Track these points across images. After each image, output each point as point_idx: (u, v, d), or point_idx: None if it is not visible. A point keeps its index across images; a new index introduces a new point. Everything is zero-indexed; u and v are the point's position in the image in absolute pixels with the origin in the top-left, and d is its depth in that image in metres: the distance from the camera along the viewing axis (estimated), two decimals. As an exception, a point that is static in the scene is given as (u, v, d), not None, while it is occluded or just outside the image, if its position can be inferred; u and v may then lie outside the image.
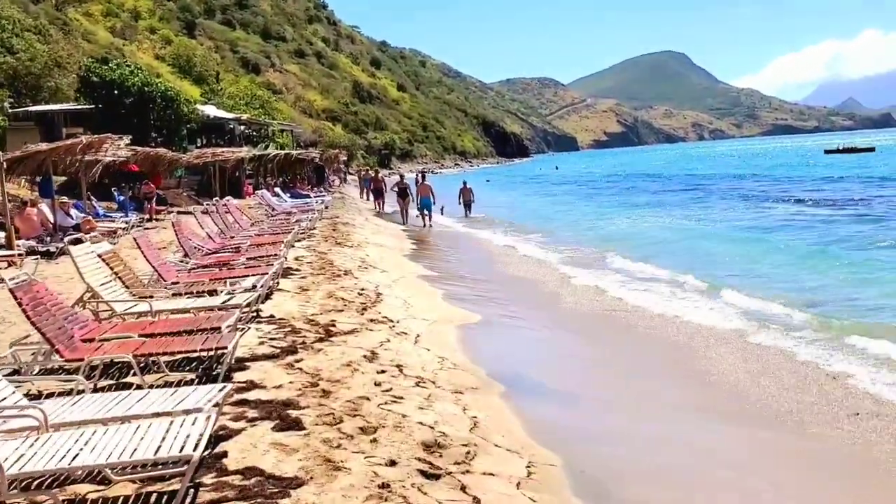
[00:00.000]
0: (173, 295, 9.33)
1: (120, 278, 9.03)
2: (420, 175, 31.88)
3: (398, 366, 7.36)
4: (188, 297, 9.14)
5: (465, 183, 32.23)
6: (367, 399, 6.13)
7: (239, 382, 6.46)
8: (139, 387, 6.37)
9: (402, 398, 6.28)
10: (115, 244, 16.85)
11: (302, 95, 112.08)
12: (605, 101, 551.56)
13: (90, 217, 18.99)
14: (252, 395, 6.12)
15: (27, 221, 16.50)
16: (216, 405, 5.03)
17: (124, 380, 6.79)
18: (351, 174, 65.83)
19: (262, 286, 9.62)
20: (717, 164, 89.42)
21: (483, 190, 36.53)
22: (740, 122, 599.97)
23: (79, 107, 34.79)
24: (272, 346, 7.73)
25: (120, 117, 31.70)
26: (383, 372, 7.04)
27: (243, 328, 8.42)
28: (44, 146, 18.06)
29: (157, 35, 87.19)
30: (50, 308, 6.70)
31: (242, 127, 48.94)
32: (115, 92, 33.31)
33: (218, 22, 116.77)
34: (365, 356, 7.55)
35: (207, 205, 17.61)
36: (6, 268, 13.12)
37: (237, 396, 6.05)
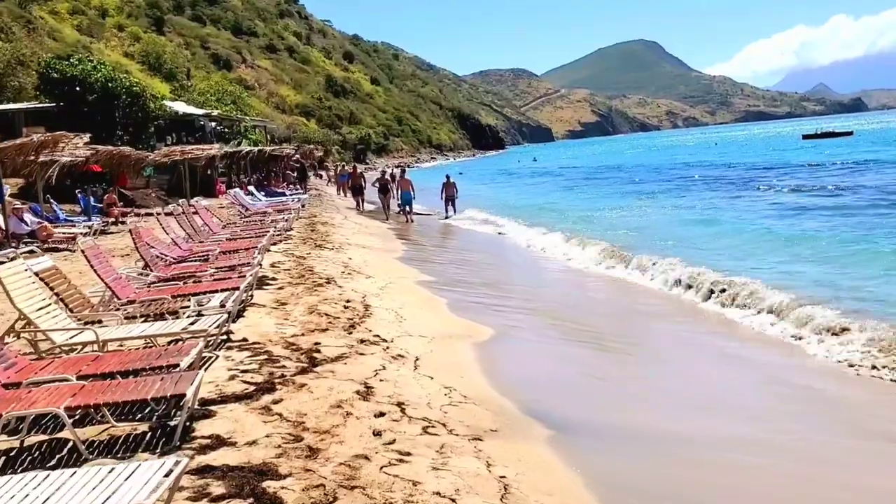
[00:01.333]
0: (127, 318, 7.88)
1: (63, 300, 7.63)
2: (400, 170, 30.47)
3: (399, 403, 6.04)
4: (144, 321, 7.75)
5: (448, 177, 30.15)
6: (367, 458, 4.81)
7: (202, 437, 5.12)
8: (74, 447, 5.04)
9: (409, 454, 4.96)
10: (73, 251, 15.53)
11: (274, 91, 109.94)
12: (579, 91, 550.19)
13: (46, 223, 17.49)
14: (218, 458, 4.77)
15: (-27, 230, 14.99)
16: (174, 478, 3.69)
17: (60, 434, 5.41)
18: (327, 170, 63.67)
19: (233, 302, 8.28)
20: (699, 152, 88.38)
21: (463, 185, 34.94)
22: (714, 110, 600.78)
23: (39, 105, 32.99)
24: (245, 382, 6.37)
25: (83, 115, 30.11)
26: (382, 415, 5.70)
27: (210, 356, 7.09)
28: (-8, 147, 16.53)
29: (126, 32, 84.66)
30: (-37, 346, 5.33)
31: (213, 123, 47.16)
32: (78, 88, 31.70)
33: (187, 18, 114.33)
34: (358, 392, 6.21)
35: (173, 206, 16.13)
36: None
37: (199, 459, 4.72)
